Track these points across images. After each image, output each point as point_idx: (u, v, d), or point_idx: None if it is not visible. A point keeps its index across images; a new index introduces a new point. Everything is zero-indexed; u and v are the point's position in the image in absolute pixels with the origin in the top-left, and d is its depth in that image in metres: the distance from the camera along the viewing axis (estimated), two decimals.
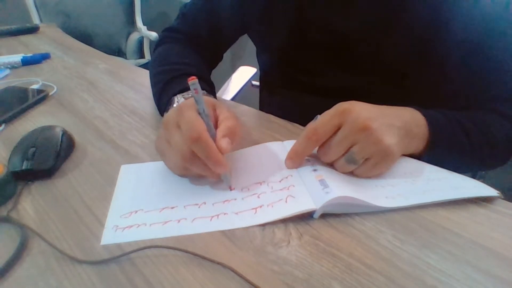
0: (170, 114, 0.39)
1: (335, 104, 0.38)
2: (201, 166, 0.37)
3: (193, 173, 0.39)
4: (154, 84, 0.57)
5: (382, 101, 0.40)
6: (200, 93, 0.36)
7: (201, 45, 0.64)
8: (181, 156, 0.36)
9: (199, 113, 0.37)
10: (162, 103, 0.52)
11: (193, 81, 0.35)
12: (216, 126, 0.39)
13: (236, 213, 0.36)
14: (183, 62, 0.57)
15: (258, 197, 0.37)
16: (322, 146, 0.39)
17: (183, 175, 0.41)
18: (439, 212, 0.36)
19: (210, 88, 0.54)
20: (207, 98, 0.42)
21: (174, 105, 0.47)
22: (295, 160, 0.40)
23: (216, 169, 0.36)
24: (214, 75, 0.67)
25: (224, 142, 0.36)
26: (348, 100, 0.38)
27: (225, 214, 0.36)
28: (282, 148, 0.45)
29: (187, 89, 0.49)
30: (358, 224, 0.34)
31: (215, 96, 0.54)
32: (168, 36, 0.66)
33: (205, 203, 0.37)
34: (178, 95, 0.48)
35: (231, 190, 0.39)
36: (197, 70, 0.55)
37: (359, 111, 0.37)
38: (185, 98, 0.47)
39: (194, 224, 0.35)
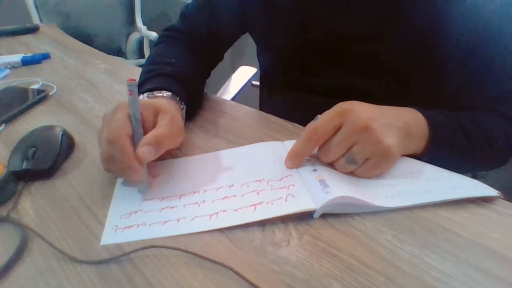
0: (110, 110, 0.40)
1: (335, 104, 0.38)
2: (117, 169, 0.37)
3: (115, 174, 0.39)
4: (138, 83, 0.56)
5: (382, 101, 0.40)
6: (135, 96, 0.36)
7: (200, 45, 0.64)
8: (101, 154, 0.37)
9: (130, 116, 0.37)
10: None
11: (130, 83, 0.35)
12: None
13: (236, 210, 0.36)
14: (166, 62, 0.56)
15: (258, 194, 0.38)
16: (322, 146, 0.39)
17: (108, 172, 0.40)
18: (439, 212, 0.36)
19: (187, 92, 0.51)
20: (153, 103, 0.41)
21: None
22: (295, 160, 0.40)
23: (129, 175, 0.36)
24: (214, 75, 0.67)
25: (143, 150, 0.36)
26: (349, 100, 0.38)
27: (224, 211, 0.36)
28: (282, 148, 0.45)
29: (156, 88, 0.48)
30: (358, 224, 0.34)
31: (191, 102, 0.53)
32: (167, 35, 0.66)
33: (204, 201, 0.37)
34: (144, 94, 0.48)
35: (142, 200, 0.38)
36: (176, 70, 0.53)
37: (359, 111, 0.37)
38: (149, 98, 0.47)
39: (193, 223, 0.35)
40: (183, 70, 0.54)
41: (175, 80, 0.51)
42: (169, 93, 0.48)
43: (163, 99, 0.46)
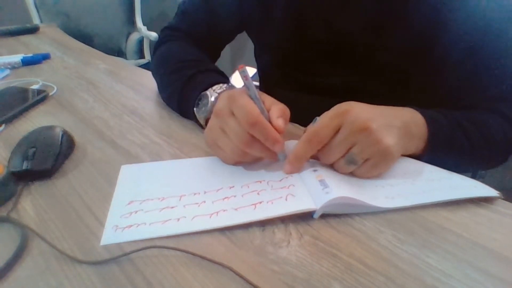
0: (220, 104, 0.40)
1: (334, 104, 0.38)
2: (260, 148, 0.39)
3: (249, 158, 0.41)
4: (170, 82, 0.56)
5: (381, 101, 0.40)
6: (249, 79, 0.38)
7: (199, 42, 0.64)
8: (241, 141, 0.38)
9: (251, 98, 0.38)
10: (186, 99, 0.51)
11: (242, 69, 0.38)
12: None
13: (236, 209, 0.36)
14: (196, 59, 0.57)
15: (258, 194, 0.38)
16: (322, 148, 0.39)
17: (238, 162, 0.42)
18: (439, 212, 0.36)
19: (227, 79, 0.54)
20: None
21: (211, 99, 0.47)
22: (296, 164, 0.40)
23: (275, 148, 0.38)
24: None
25: (280, 122, 0.38)
26: (348, 99, 0.38)
27: (224, 210, 0.36)
28: None
29: (214, 83, 0.49)
30: (358, 224, 0.34)
31: None
32: (169, 34, 0.67)
33: (204, 201, 0.37)
34: (209, 90, 0.48)
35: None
36: (211, 64, 0.56)
37: (358, 112, 0.37)
38: (218, 93, 0.47)
39: (193, 222, 0.35)
40: (212, 64, 0.56)
41: (219, 74, 0.54)
42: (226, 85, 0.49)
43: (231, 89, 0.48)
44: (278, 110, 0.39)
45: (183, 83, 0.52)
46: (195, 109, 0.50)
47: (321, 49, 0.56)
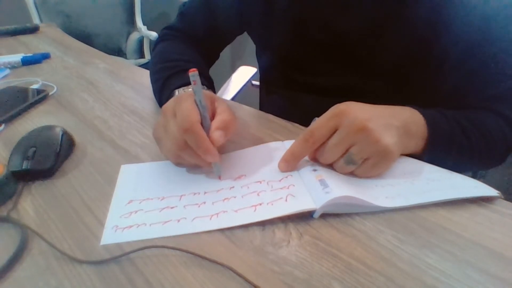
0: (169, 102, 0.41)
1: (334, 104, 0.38)
2: (192, 155, 0.38)
3: (187, 161, 0.41)
4: (155, 81, 0.58)
5: (381, 101, 0.40)
6: (198, 85, 0.38)
7: (198, 43, 0.64)
8: (175, 144, 0.38)
9: (196, 104, 0.38)
10: (164, 98, 0.52)
11: (193, 73, 0.37)
12: (213, 119, 0.40)
13: (236, 211, 0.36)
14: (182, 58, 0.58)
15: (258, 195, 0.38)
16: (320, 148, 0.39)
17: (177, 162, 0.42)
18: (439, 212, 0.36)
19: (209, 84, 0.55)
20: (207, 92, 0.43)
21: None
22: (290, 162, 0.40)
23: (206, 158, 0.37)
24: (214, 75, 0.68)
25: (216, 134, 0.38)
26: (348, 100, 0.38)
27: (224, 212, 0.36)
28: (282, 148, 0.45)
29: (187, 83, 0.50)
30: (358, 224, 0.34)
31: (214, 92, 0.55)
32: (167, 34, 0.67)
33: (204, 202, 0.37)
34: (179, 89, 0.50)
35: (220, 179, 0.40)
36: (196, 65, 0.56)
37: (355, 112, 0.37)
38: (184, 92, 0.48)
39: (194, 223, 0.35)
40: (200, 66, 0.56)
41: (201, 76, 0.53)
42: (204, 86, 0.49)
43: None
44: (219, 122, 0.39)
45: (161, 84, 0.54)
46: None
47: (321, 50, 0.56)
